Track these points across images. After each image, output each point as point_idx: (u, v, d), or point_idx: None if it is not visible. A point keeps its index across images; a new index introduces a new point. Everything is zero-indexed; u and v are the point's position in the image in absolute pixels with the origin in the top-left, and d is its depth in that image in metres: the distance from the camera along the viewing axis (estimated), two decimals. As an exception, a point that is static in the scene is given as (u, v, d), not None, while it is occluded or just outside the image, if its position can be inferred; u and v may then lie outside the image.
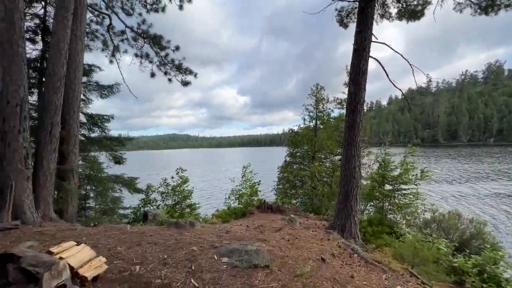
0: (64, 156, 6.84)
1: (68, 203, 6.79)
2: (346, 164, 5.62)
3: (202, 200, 21.39)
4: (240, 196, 8.68)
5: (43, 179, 5.68)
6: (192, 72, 10.68)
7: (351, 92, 5.84)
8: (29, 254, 2.48)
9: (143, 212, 8.13)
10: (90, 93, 9.18)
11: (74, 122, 6.95)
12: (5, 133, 4.90)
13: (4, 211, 4.80)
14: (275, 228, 5.18)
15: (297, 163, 13.51)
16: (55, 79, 5.82)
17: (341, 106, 13.56)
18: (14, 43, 4.88)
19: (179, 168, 9.26)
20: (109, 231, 4.61)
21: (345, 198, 5.52)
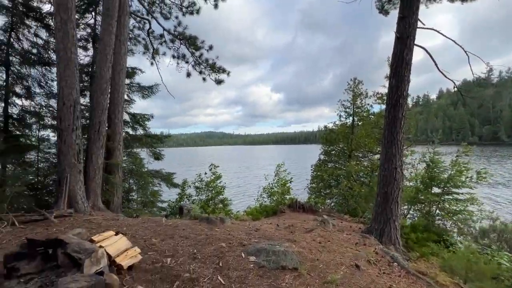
0: (110, 152, 7.48)
1: (114, 195, 7.43)
2: (385, 163, 5.15)
3: (235, 197, 21.83)
4: (272, 194, 8.60)
5: (92, 173, 6.29)
6: (225, 70, 10.87)
7: (392, 85, 5.32)
8: (74, 241, 2.72)
9: (179, 206, 8.55)
10: (133, 94, 9.91)
11: (119, 121, 7.56)
12: (61, 131, 5.52)
13: (61, 200, 5.42)
14: (306, 229, 4.99)
15: (332, 161, 12.93)
16: (101, 82, 6.37)
17: (381, 101, 12.55)
18: (68, 50, 5.45)
19: (212, 165, 9.51)
20: (146, 223, 4.90)
21: (384, 201, 5.07)
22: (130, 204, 8.33)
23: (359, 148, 11.86)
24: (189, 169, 51.90)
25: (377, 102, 12.56)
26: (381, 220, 5.06)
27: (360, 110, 12.36)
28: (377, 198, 5.27)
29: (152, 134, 9.80)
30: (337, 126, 12.83)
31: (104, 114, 6.45)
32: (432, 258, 5.24)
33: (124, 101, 7.86)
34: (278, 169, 9.13)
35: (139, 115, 9.55)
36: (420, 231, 6.02)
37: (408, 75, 5.26)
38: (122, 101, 7.70)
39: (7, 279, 2.46)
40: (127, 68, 9.51)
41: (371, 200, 8.36)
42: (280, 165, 9.19)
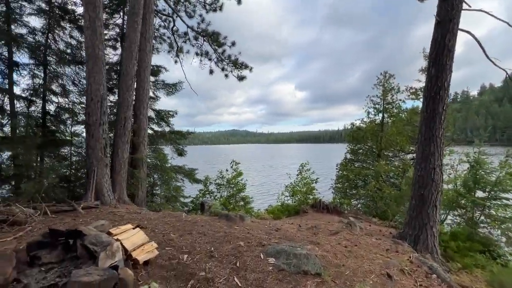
0: (135, 147, 7.69)
1: (139, 189, 7.63)
2: (422, 163, 4.63)
3: (257, 195, 21.72)
4: (294, 193, 8.30)
5: (118, 167, 6.49)
6: (247, 66, 10.73)
7: (431, 75, 4.76)
8: (93, 233, 2.72)
9: (200, 202, 8.59)
10: (158, 91, 10.16)
11: (144, 117, 7.74)
12: (89, 126, 5.73)
13: (89, 192, 5.64)
14: (331, 231, 4.65)
15: (359, 160, 12.22)
16: (127, 78, 6.53)
17: (415, 96, 11.60)
18: (96, 47, 5.63)
19: (233, 161, 9.43)
20: (167, 217, 4.91)
21: (420, 204, 4.57)
22: (154, 198, 8.53)
23: (389, 147, 11.07)
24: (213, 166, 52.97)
25: (410, 98, 11.63)
26: (416, 225, 4.57)
27: (390, 106, 11.51)
28: (412, 201, 4.77)
29: (176, 130, 9.96)
30: (365, 124, 12.09)
31: (129, 110, 6.61)
32: (476, 270, 4.63)
33: (149, 98, 8.03)
34: (302, 168, 8.79)
35: (163, 111, 9.76)
36: (462, 239, 5.38)
37: (450, 63, 4.68)
38: (147, 98, 7.88)
39: (30, 267, 2.52)
40: (152, 66, 9.75)
41: (403, 203, 7.72)
42: (304, 164, 8.84)
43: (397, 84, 11.54)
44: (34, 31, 7.63)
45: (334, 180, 12.32)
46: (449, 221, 7.05)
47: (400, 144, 10.64)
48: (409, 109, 11.48)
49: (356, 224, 4.97)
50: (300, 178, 8.71)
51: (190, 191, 10.40)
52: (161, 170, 8.20)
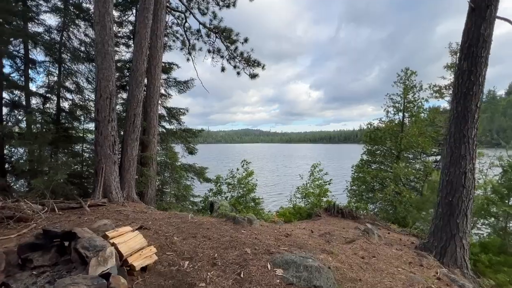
0: (145, 144, 7.62)
1: (148, 187, 7.56)
2: (451, 166, 4.15)
3: (269, 196, 21.38)
4: (306, 195, 7.94)
5: (127, 164, 6.41)
6: (260, 64, 10.45)
7: (463, 69, 4.26)
8: (87, 235, 2.55)
9: (209, 202, 8.42)
10: (169, 89, 10.09)
11: (154, 114, 7.66)
12: (98, 122, 5.67)
13: (97, 190, 5.58)
14: (346, 238, 4.29)
15: (377, 162, 11.60)
16: (137, 75, 6.44)
17: (439, 94, 10.86)
18: (105, 43, 5.55)
19: (244, 161, 9.18)
20: (172, 218, 4.73)
21: (448, 212, 4.10)
22: (163, 197, 8.45)
23: (409, 148, 10.40)
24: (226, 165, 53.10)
25: (434, 96, 10.88)
26: (443, 236, 4.10)
27: (411, 105, 10.82)
28: (438, 209, 4.31)
29: (187, 128, 9.86)
30: (383, 123, 11.45)
31: (139, 107, 6.52)
32: (512, 289, 4.11)
33: (159, 95, 7.94)
34: (314, 169, 8.39)
35: (174, 109, 9.68)
36: (494, 252, 4.83)
37: (486, 56, 4.16)
38: (158, 95, 7.79)
39: (21, 270, 2.39)
40: (163, 63, 9.69)
41: (425, 209, 7.16)
42: (316, 165, 8.44)
43: (419, 82, 10.84)
44: (50, 29, 7.74)
45: (349, 182, 11.78)
46: (478, 231, 6.45)
47: (422, 146, 9.96)
48: (432, 108, 10.76)
49: (373, 232, 4.57)
50: (312, 179, 8.31)
51: (201, 190, 10.28)
52: (171, 168, 8.09)
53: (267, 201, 18.74)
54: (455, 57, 11.57)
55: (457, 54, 11.57)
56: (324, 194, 7.68)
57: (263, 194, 21.46)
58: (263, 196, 20.70)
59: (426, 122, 10.47)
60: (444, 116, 11.93)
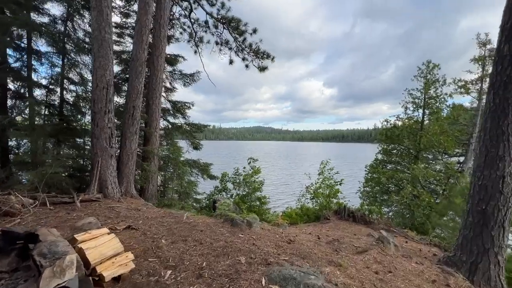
0: (147, 138, 7.34)
1: (149, 182, 7.29)
2: (485, 168, 3.53)
3: (278, 194, 20.89)
4: (315, 195, 7.41)
5: (126, 158, 6.14)
6: (269, 55, 9.94)
7: (503, 53, 3.59)
8: (50, 238, 2.20)
9: (212, 200, 8.06)
10: (175, 82, 9.79)
11: (156, 107, 7.35)
12: (94, 113, 5.40)
13: (92, 185, 5.32)
14: (357, 248, 3.77)
15: (393, 162, 10.83)
16: (137, 64, 6.12)
17: (465, 90, 9.95)
18: (102, 29, 5.24)
19: (250, 158, 8.75)
20: (166, 217, 4.38)
21: (480, 222, 3.49)
22: (166, 193, 8.18)
23: (430, 148, 9.58)
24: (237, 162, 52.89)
25: (459, 92, 9.97)
26: (474, 250, 3.51)
27: (433, 101, 9.95)
28: (468, 217, 3.70)
29: (192, 123, 9.53)
30: (401, 120, 10.63)
31: (138, 99, 6.21)
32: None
33: (163, 87, 7.63)
34: (323, 167, 7.82)
35: (180, 103, 9.37)
36: (533, 270, 4.15)
37: (533, 37, 3.49)
38: (161, 87, 7.47)
39: (-25, 276, 2.08)
40: (169, 55, 9.38)
41: (447, 214, 6.47)
42: (326, 163, 7.86)
43: (442, 76, 9.94)
44: (54, 19, 7.57)
45: (362, 183, 11.09)
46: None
47: (445, 145, 9.13)
48: (457, 104, 9.86)
49: (389, 240, 4.02)
50: (321, 179, 7.76)
51: (207, 186, 9.96)
52: (174, 163, 7.79)
53: (278, 201, 18.28)
54: (483, 49, 10.59)
55: (486, 46, 10.59)
56: (335, 195, 7.13)
57: (274, 194, 20.95)
58: (274, 195, 20.20)
59: (449, 120, 9.62)
60: (470, 113, 11.00)
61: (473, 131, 10.37)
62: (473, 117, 10.58)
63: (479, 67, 10.62)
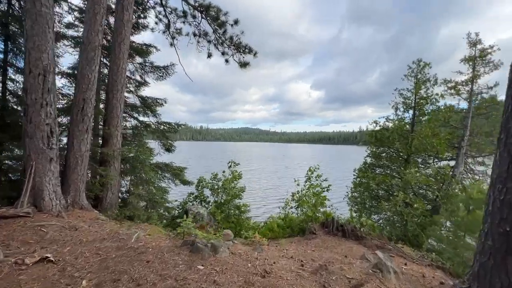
0: (106, 138, 6.28)
1: (108, 190, 6.23)
2: (508, 180, 2.83)
3: (263, 200, 19.99)
4: (301, 203, 6.62)
5: (73, 162, 5.07)
6: (251, 50, 9.11)
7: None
8: None
9: (184, 210, 7.10)
10: (146, 75, 8.74)
11: (118, 101, 6.30)
12: (27, 106, 4.32)
13: (22, 195, 4.23)
14: (351, 280, 2.96)
15: (382, 166, 10.28)
16: (88, 48, 5.08)
17: (456, 91, 9.56)
18: (37, 1, 4.20)
19: (231, 162, 7.85)
20: (108, 240, 3.40)
21: (503, 248, 2.78)
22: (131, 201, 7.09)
23: (422, 151, 9.07)
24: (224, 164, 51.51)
25: (449, 93, 9.56)
26: (495, 283, 2.78)
27: (424, 101, 9.47)
28: (485, 240, 2.98)
29: (164, 121, 8.51)
30: (392, 122, 10.08)
31: (90, 90, 5.16)
32: None
33: (126, 79, 6.59)
34: (311, 174, 7.05)
35: (150, 98, 8.33)
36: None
37: None
38: (124, 78, 6.43)
39: None
40: (139, 44, 8.35)
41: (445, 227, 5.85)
42: (314, 169, 7.10)
43: (433, 75, 9.49)
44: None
45: (350, 188, 10.45)
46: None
47: (437, 149, 8.64)
48: (448, 105, 9.44)
49: (388, 268, 3.25)
50: (308, 185, 6.98)
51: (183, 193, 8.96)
52: (139, 167, 6.74)
53: (262, 207, 17.39)
54: (473, 49, 10.28)
55: (476, 46, 10.28)
56: (322, 203, 6.36)
57: (259, 199, 19.95)
58: (260, 201, 19.23)
59: (439, 121, 9.17)
60: (460, 115, 10.66)
61: (464, 133, 10.02)
62: (463, 119, 10.24)
63: (469, 68, 10.32)
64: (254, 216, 8.79)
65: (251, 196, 20.20)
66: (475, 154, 10.33)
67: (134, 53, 8.29)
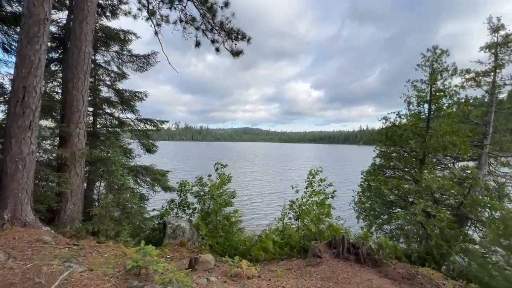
0: (64, 138, 5.19)
1: (67, 201, 5.14)
2: None
3: (264, 205, 18.63)
4: (302, 214, 5.52)
5: (11, 168, 3.98)
6: (244, 36, 8.02)
7: None
8: None
9: (162, 222, 6.02)
10: (125, 66, 7.65)
11: (79, 93, 5.20)
12: None
13: None
14: None
15: (393, 168, 9.15)
16: (30, 22, 3.99)
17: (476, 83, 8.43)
18: None
19: (218, 164, 6.76)
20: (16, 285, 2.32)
21: None
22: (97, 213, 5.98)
23: (441, 150, 7.91)
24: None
25: (469, 85, 8.43)
26: None
27: (442, 94, 8.31)
28: None
29: (145, 118, 7.42)
30: (405, 117, 8.91)
31: (34, 76, 4.07)
32: None
33: (90, 66, 5.49)
34: (312, 178, 5.92)
35: (128, 91, 7.24)
36: None
37: None
38: (87, 65, 5.32)
39: None
40: (115, 30, 7.26)
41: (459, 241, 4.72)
42: (315, 172, 5.98)
43: (452, 64, 8.33)
44: None
45: (357, 192, 9.31)
46: None
47: (459, 147, 7.50)
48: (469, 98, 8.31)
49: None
50: (309, 192, 5.88)
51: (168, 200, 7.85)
52: (109, 173, 5.64)
53: (260, 212, 16.20)
54: (495, 35, 9.16)
55: (498, 31, 9.17)
56: (327, 215, 5.25)
57: (260, 206, 18.53)
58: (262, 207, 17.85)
59: (458, 117, 8.05)
60: (480, 110, 9.53)
61: (487, 130, 8.87)
62: (485, 114, 9.10)
63: (491, 56, 9.17)
64: (254, 225, 7.70)
65: (250, 202, 19.02)
66: (498, 153, 9.19)
67: (109, 40, 7.21)
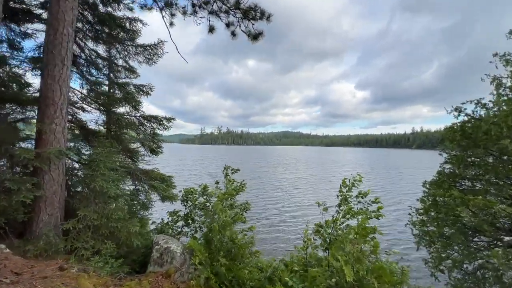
0: (40, 136, 4.41)
1: (41, 211, 4.32)
2: None
3: (291, 221, 16.65)
4: (331, 247, 3.78)
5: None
6: (263, 14, 6.60)
7: None
8: None
9: (150, 241, 4.87)
10: (131, 58, 6.89)
11: (56, 83, 4.39)
12: None
13: None
14: None
15: (472, 179, 6.56)
16: None
17: None
18: None
19: (227, 168, 5.41)
20: None
21: None
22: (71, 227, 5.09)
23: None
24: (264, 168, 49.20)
25: None
26: None
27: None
28: None
29: (150, 115, 6.51)
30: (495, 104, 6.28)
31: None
32: None
33: (71, 50, 4.67)
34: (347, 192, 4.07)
35: (128, 84, 6.41)
36: None
37: None
38: (67, 49, 4.52)
39: None
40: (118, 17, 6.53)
41: None
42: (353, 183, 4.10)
43: None
44: None
45: (416, 210, 6.92)
46: None
47: None
48: None
49: None
50: (345, 211, 4.10)
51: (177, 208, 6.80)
52: (90, 178, 4.72)
53: (296, 226, 14.36)
54: None
55: None
56: (374, 251, 3.44)
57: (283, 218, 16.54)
58: (298, 220, 15.85)
59: None
60: None
61: None
62: None
63: None
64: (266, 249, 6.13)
65: (285, 216, 17.20)
66: None
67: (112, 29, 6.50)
